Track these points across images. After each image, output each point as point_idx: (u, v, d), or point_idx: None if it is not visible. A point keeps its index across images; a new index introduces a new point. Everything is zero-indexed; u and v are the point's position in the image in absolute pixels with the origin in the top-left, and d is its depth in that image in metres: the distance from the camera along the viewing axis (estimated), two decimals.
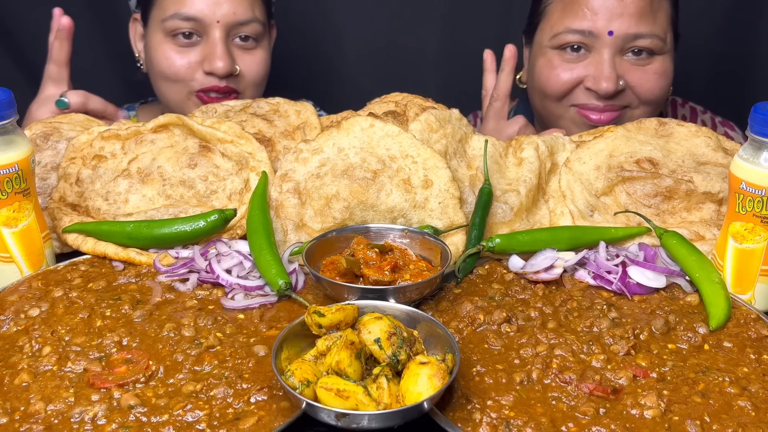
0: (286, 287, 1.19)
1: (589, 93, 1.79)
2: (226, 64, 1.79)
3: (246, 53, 1.86)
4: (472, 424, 0.95)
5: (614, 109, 1.79)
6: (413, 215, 1.35)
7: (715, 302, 1.18)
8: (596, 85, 1.75)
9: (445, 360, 0.98)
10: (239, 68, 1.83)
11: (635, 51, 1.76)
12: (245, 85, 1.87)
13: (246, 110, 1.55)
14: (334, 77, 2.52)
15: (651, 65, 1.78)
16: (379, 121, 1.40)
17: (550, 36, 1.81)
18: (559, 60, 1.80)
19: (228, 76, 1.82)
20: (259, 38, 1.87)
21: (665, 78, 1.81)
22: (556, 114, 1.86)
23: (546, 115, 1.90)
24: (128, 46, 1.98)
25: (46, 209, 1.39)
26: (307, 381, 0.94)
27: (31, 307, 1.19)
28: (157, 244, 1.33)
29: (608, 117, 1.79)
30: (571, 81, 1.79)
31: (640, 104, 1.81)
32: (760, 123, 1.17)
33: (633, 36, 1.74)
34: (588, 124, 1.80)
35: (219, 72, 1.79)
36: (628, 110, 1.82)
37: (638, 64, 1.78)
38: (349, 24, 2.48)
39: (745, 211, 1.20)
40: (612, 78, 1.74)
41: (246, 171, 1.40)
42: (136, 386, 1.02)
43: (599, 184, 1.45)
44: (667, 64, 1.81)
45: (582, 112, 1.81)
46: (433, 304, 1.22)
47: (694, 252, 1.28)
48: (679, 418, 0.96)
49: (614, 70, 1.75)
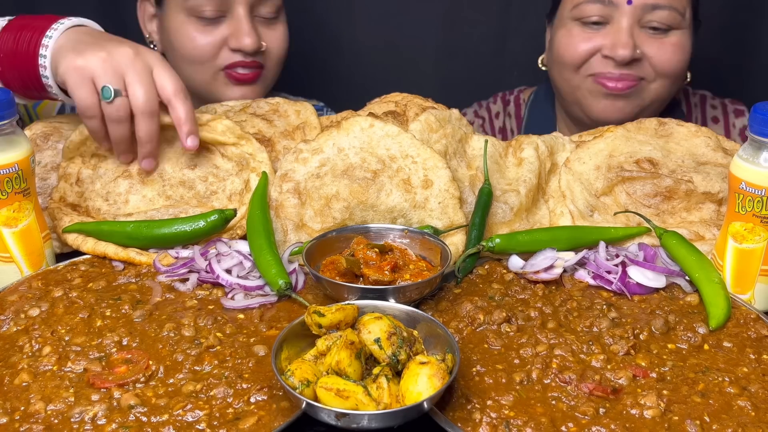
0: (286, 287, 1.19)
1: (606, 61, 1.80)
2: (253, 40, 1.77)
3: (269, 28, 1.85)
4: (472, 423, 0.95)
5: (630, 78, 1.80)
6: (413, 215, 1.35)
7: (715, 302, 1.18)
8: (613, 51, 1.76)
9: (445, 360, 0.98)
10: (264, 44, 1.82)
11: (653, 27, 1.77)
12: (271, 61, 1.86)
13: (246, 110, 1.55)
14: (334, 77, 2.52)
15: (668, 38, 1.79)
16: (379, 121, 1.40)
17: (571, 7, 1.83)
18: (578, 30, 1.83)
19: (255, 53, 1.80)
20: (278, 13, 1.87)
21: (682, 52, 1.81)
22: (574, 84, 1.87)
23: (565, 87, 1.91)
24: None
25: (47, 209, 1.39)
26: (307, 381, 0.94)
27: (31, 307, 1.19)
28: (157, 244, 1.33)
29: (624, 85, 1.80)
30: (588, 50, 1.81)
31: (656, 77, 1.81)
32: (760, 123, 1.17)
33: (651, 6, 1.75)
34: (604, 92, 1.81)
35: (247, 48, 1.77)
36: (645, 83, 1.82)
37: (656, 36, 1.78)
38: (349, 24, 2.48)
39: (745, 211, 1.20)
40: (629, 45, 1.75)
41: (246, 172, 1.41)
42: (136, 386, 1.02)
43: (599, 184, 1.45)
44: (684, 39, 1.82)
45: (599, 80, 1.82)
46: (433, 304, 1.22)
47: (694, 252, 1.28)
48: (679, 418, 0.97)
49: (631, 38, 1.76)
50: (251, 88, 1.84)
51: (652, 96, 1.85)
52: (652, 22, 1.77)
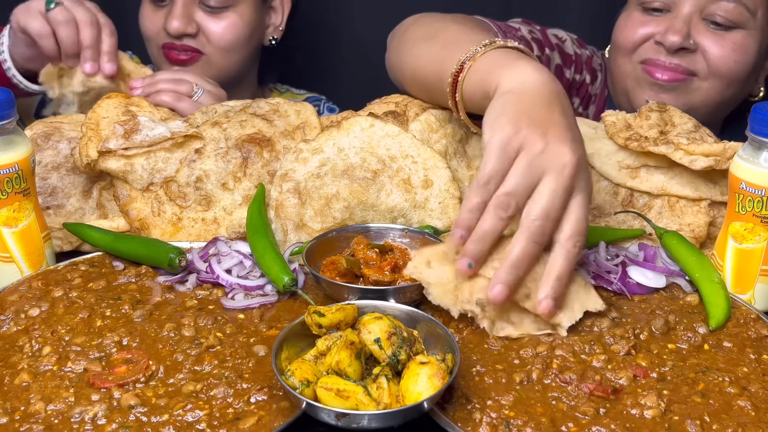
0: (291, 283, 1.19)
1: (658, 48, 1.70)
2: (179, 24, 1.86)
3: (213, 17, 1.91)
4: (472, 423, 0.95)
5: (680, 70, 1.69)
6: (413, 215, 1.35)
7: (715, 302, 1.18)
8: (663, 37, 1.67)
9: (445, 360, 0.98)
10: (199, 29, 1.90)
11: (716, 22, 1.66)
12: (211, 48, 1.92)
13: (246, 110, 1.55)
14: (334, 77, 2.52)
15: (730, 35, 1.67)
16: (380, 121, 1.40)
17: None
18: (638, 14, 1.74)
19: (184, 36, 1.89)
20: (234, 3, 1.91)
21: (743, 53, 1.68)
22: (625, 71, 1.78)
23: (618, 73, 1.81)
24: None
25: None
26: (307, 381, 0.94)
27: (31, 307, 1.19)
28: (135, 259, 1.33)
29: (670, 77, 1.69)
30: (643, 35, 1.72)
31: (709, 75, 1.69)
32: (760, 123, 1.17)
33: None
34: (650, 82, 1.71)
35: (172, 31, 1.87)
36: (696, 80, 1.70)
37: (716, 31, 1.67)
38: (349, 23, 2.48)
39: (745, 211, 1.20)
40: (682, 32, 1.65)
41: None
42: (136, 386, 1.02)
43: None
44: (750, 41, 1.67)
45: (647, 68, 1.72)
46: (433, 304, 1.21)
47: (694, 252, 1.28)
48: (679, 418, 0.97)
49: (687, 25, 1.66)
50: (189, 70, 1.91)
51: (702, 96, 1.71)
52: (715, 16, 1.65)
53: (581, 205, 1.10)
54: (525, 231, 1.07)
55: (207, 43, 1.92)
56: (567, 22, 2.09)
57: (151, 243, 1.32)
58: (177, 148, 1.43)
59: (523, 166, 1.07)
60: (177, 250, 1.26)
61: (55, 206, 1.46)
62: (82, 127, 1.43)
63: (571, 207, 1.09)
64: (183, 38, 1.90)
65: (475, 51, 1.28)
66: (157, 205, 1.42)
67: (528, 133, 1.08)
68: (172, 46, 1.91)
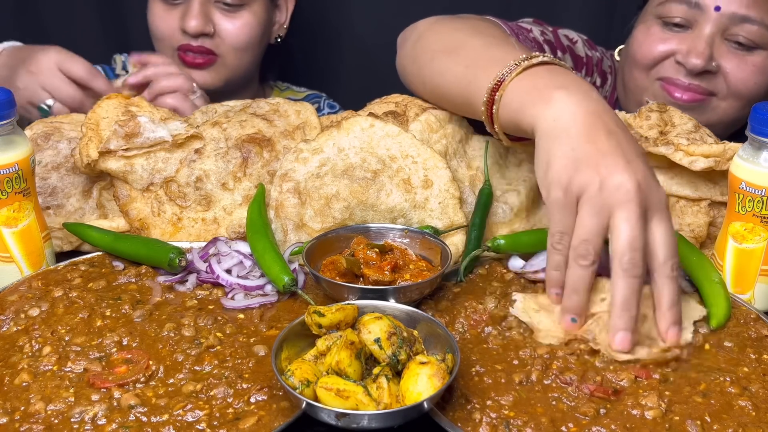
0: (291, 283, 1.19)
1: (678, 68, 1.68)
2: (198, 23, 1.83)
3: (226, 16, 1.89)
4: (471, 423, 0.95)
5: (699, 91, 1.67)
6: (413, 215, 1.35)
7: (715, 302, 1.18)
8: (686, 58, 1.64)
9: (445, 360, 0.98)
10: (215, 29, 1.88)
11: (738, 42, 1.63)
12: (226, 48, 1.91)
13: (246, 110, 1.55)
14: (334, 77, 2.52)
15: (752, 56, 1.65)
16: (380, 121, 1.40)
17: (657, 3, 1.71)
18: (657, 29, 1.70)
19: (201, 36, 1.87)
20: (248, 1, 1.90)
21: (763, 74, 1.65)
22: (642, 86, 1.76)
23: (632, 85, 1.79)
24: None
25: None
26: (307, 381, 0.94)
27: (31, 307, 1.19)
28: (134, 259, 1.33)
29: (691, 97, 1.67)
30: (663, 52, 1.69)
31: (728, 95, 1.68)
32: (760, 123, 1.17)
33: (740, 18, 1.61)
34: (669, 101, 1.69)
35: (190, 30, 1.84)
36: (715, 99, 1.69)
37: (738, 52, 1.64)
38: (349, 23, 2.48)
39: (745, 211, 1.20)
40: (704, 55, 1.62)
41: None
42: (136, 386, 1.02)
43: None
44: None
45: (666, 86, 1.70)
46: (432, 304, 1.21)
47: (694, 252, 1.28)
48: (680, 418, 0.96)
49: (709, 47, 1.63)
50: (204, 73, 1.91)
51: (719, 115, 1.70)
52: (737, 36, 1.62)
53: (661, 224, 1.07)
54: (618, 270, 1.05)
55: (222, 44, 1.90)
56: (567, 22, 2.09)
57: (151, 243, 1.32)
58: (177, 148, 1.43)
59: (588, 210, 1.06)
60: (177, 250, 1.26)
61: (55, 206, 1.46)
62: (82, 127, 1.43)
63: (653, 230, 1.07)
64: (199, 38, 1.88)
65: (502, 77, 1.23)
66: (157, 205, 1.42)
67: (579, 177, 1.07)
68: (188, 48, 1.88)
